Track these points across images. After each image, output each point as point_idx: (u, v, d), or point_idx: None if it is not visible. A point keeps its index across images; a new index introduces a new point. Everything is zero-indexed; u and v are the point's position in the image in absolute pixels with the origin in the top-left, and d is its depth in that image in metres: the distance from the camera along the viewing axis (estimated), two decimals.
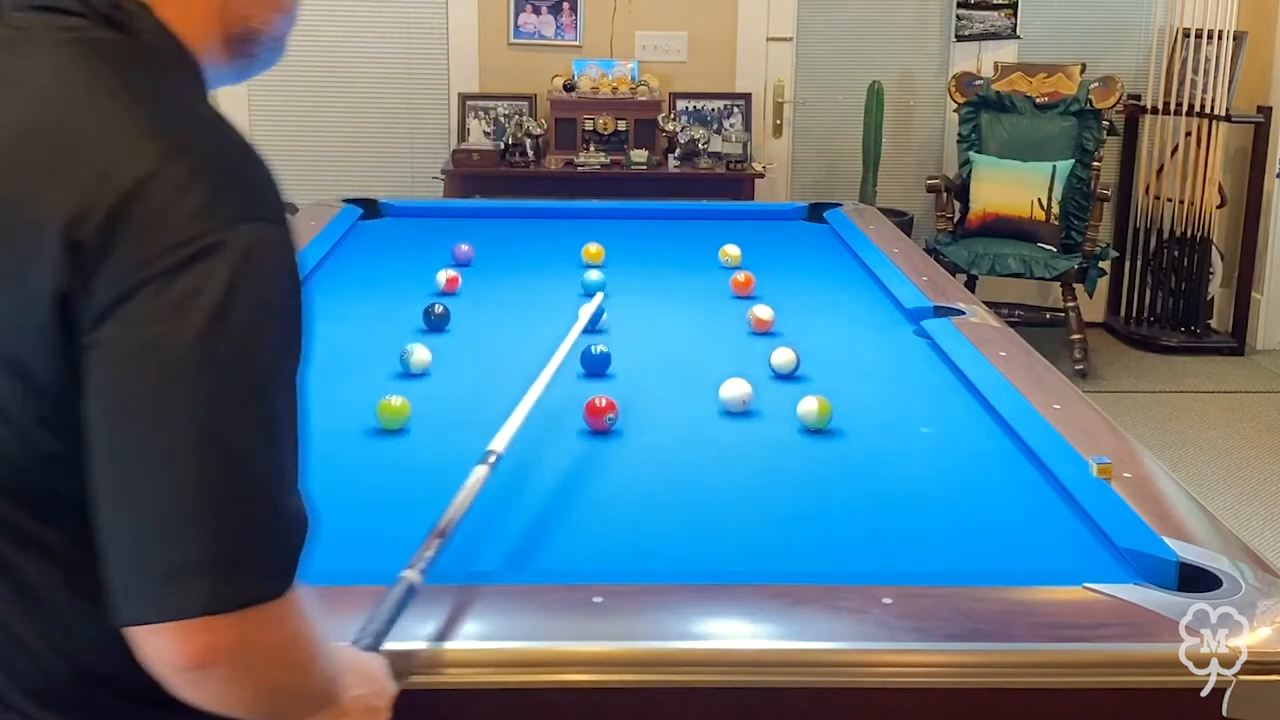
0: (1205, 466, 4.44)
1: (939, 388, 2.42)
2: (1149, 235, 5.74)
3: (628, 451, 2.09)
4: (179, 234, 0.96)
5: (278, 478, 1.02)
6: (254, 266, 0.98)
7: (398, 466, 2.03)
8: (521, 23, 5.60)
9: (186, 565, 0.96)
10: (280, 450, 1.02)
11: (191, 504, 0.96)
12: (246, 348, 0.98)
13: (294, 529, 1.03)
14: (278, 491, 1.01)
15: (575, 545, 1.76)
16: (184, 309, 0.95)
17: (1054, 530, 1.81)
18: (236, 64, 1.16)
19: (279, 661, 1.04)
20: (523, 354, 2.63)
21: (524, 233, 3.72)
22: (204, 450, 0.96)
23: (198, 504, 0.96)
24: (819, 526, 1.85)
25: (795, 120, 5.77)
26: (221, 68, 1.15)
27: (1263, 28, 5.62)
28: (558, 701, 1.44)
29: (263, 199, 1.03)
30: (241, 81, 1.21)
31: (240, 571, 0.98)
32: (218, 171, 1.00)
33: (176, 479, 0.96)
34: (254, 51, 1.16)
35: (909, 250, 3.52)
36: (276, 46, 1.18)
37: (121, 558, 0.97)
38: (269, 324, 1.00)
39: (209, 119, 1.06)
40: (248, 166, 1.04)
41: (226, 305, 0.96)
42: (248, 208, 1.01)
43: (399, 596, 1.42)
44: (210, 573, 0.97)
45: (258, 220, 1.00)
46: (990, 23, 5.74)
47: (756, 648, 1.50)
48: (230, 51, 1.14)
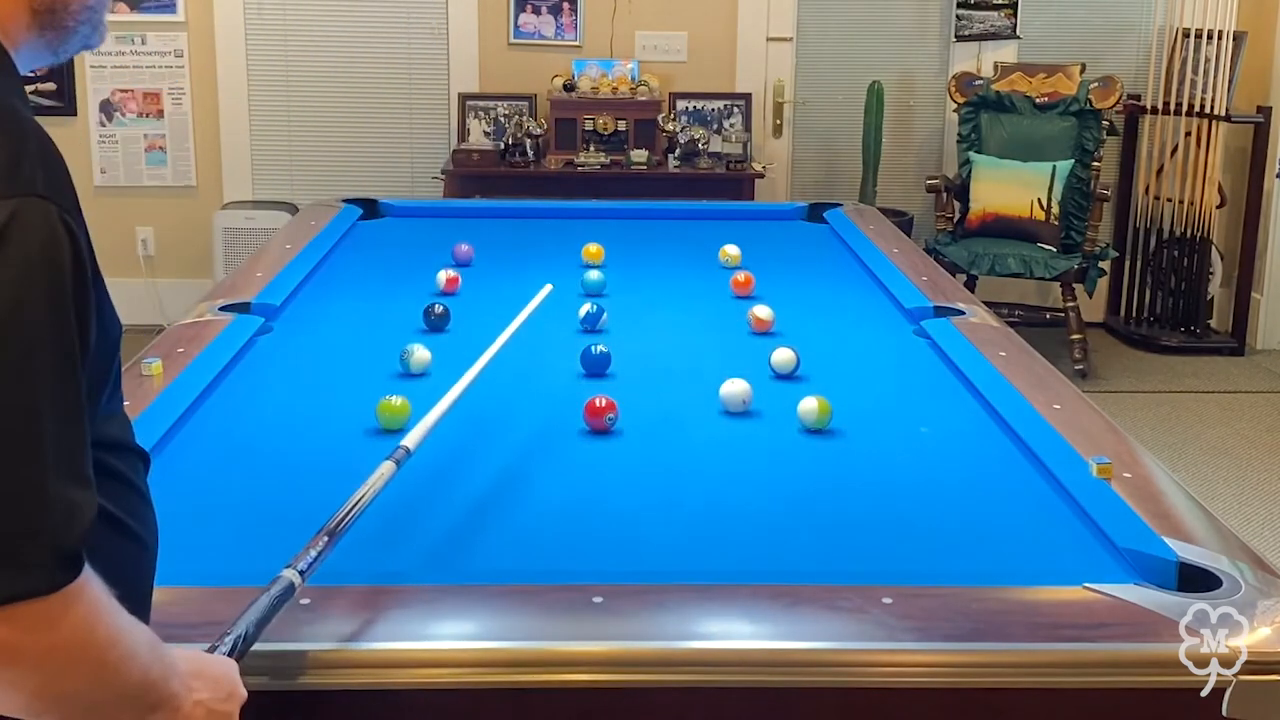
0: (1205, 466, 4.44)
1: (939, 388, 2.42)
2: (1149, 235, 5.74)
3: (628, 451, 2.09)
4: None
5: (40, 466, 0.94)
6: (13, 243, 0.93)
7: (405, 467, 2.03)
8: (521, 23, 5.60)
9: None
10: (44, 436, 0.94)
11: None
12: (6, 336, 0.93)
13: (64, 520, 0.95)
14: (40, 481, 0.94)
15: (575, 545, 1.76)
16: None
17: (1054, 530, 1.81)
18: (49, 39, 1.13)
19: (66, 659, 0.97)
20: (522, 354, 2.63)
21: (524, 233, 3.73)
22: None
23: None
24: (819, 526, 1.85)
25: (795, 120, 5.77)
26: (36, 46, 1.12)
27: (1263, 28, 5.62)
28: (557, 701, 1.44)
29: (31, 175, 0.97)
30: (61, 59, 1.18)
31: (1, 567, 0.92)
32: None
33: None
34: (65, 23, 1.12)
35: (909, 250, 3.52)
36: (91, 18, 1.14)
37: None
38: (29, 303, 0.94)
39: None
40: (18, 142, 0.99)
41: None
42: (11, 183, 0.95)
43: (273, 597, 1.35)
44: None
45: (21, 195, 0.95)
46: (990, 23, 5.74)
47: (756, 648, 1.50)
48: (40, 25, 1.11)
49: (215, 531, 1.76)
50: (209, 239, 5.41)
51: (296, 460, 2.06)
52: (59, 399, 0.96)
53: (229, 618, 1.40)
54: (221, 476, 1.97)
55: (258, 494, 1.92)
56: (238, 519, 1.83)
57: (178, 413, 2.10)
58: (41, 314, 0.95)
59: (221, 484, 1.93)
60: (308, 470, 2.01)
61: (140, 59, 5.52)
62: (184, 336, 2.52)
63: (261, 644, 1.40)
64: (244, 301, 2.78)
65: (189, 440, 2.07)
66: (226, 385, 2.34)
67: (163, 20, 5.49)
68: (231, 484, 1.95)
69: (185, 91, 5.57)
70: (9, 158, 0.97)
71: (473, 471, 2.01)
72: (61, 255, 0.98)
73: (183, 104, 5.57)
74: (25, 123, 1.02)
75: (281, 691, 1.41)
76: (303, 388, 2.40)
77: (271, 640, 1.43)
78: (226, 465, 2.02)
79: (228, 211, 5.48)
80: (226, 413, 2.22)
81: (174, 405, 2.11)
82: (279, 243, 3.47)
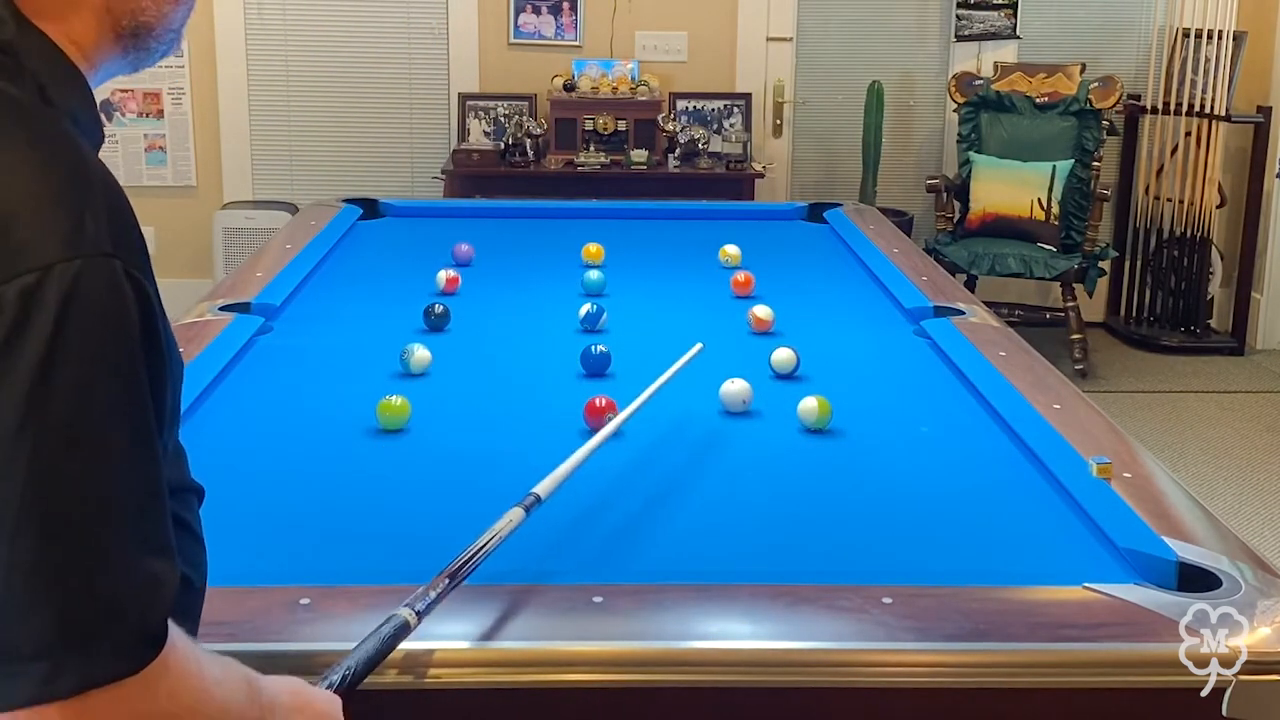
0: (1205, 466, 4.44)
1: (939, 388, 2.42)
2: (1149, 235, 5.74)
3: (628, 452, 2.09)
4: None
5: (120, 545, 0.91)
6: (78, 312, 0.89)
7: (398, 466, 2.03)
8: (521, 23, 5.60)
9: (17, 651, 0.88)
10: (125, 514, 0.92)
11: (20, 584, 0.88)
12: (75, 409, 0.89)
13: (149, 597, 0.93)
14: (122, 559, 0.91)
15: (575, 545, 1.76)
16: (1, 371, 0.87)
17: (1054, 530, 1.81)
18: (131, 58, 1.13)
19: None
20: (523, 354, 2.64)
21: (524, 233, 3.72)
22: (31, 525, 0.88)
23: (27, 584, 0.88)
24: (819, 526, 1.85)
25: (795, 120, 5.77)
26: (116, 64, 1.12)
27: (1263, 28, 5.62)
28: (558, 701, 1.44)
29: (97, 232, 0.92)
30: (135, 72, 1.17)
31: (78, 653, 0.89)
32: (41, 200, 0.92)
33: (4, 558, 0.88)
34: (148, 45, 1.12)
35: (909, 250, 3.52)
36: (173, 38, 1.14)
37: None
38: (100, 378, 0.91)
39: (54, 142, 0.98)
40: (84, 194, 0.94)
41: (49, 361, 0.88)
42: (76, 243, 0.91)
43: (386, 635, 1.31)
44: (44, 658, 0.88)
45: (85, 256, 0.91)
46: (990, 23, 5.74)
47: (756, 648, 1.50)
48: (124, 46, 1.11)
49: (215, 531, 1.75)
50: (209, 239, 5.41)
51: (296, 460, 2.06)
52: (138, 473, 0.94)
53: (229, 618, 1.41)
54: (221, 476, 1.96)
55: (258, 494, 1.92)
56: (238, 519, 1.83)
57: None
58: (114, 388, 0.92)
59: (221, 484, 1.92)
60: (308, 470, 2.01)
61: None
62: (184, 336, 2.52)
63: (261, 644, 1.41)
64: (244, 301, 2.78)
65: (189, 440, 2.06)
66: (226, 385, 2.34)
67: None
68: (231, 484, 1.95)
69: (185, 91, 5.57)
70: (73, 213, 0.92)
71: (472, 471, 2.01)
72: (131, 320, 0.93)
73: (183, 104, 5.57)
74: (92, 169, 0.97)
75: None
76: (303, 388, 2.40)
77: (271, 640, 1.43)
78: (226, 465, 2.02)
79: (228, 211, 5.48)
80: (226, 413, 2.22)
81: None
82: (279, 243, 3.47)
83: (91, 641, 0.89)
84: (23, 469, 0.88)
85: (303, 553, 1.72)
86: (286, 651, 1.41)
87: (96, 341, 0.90)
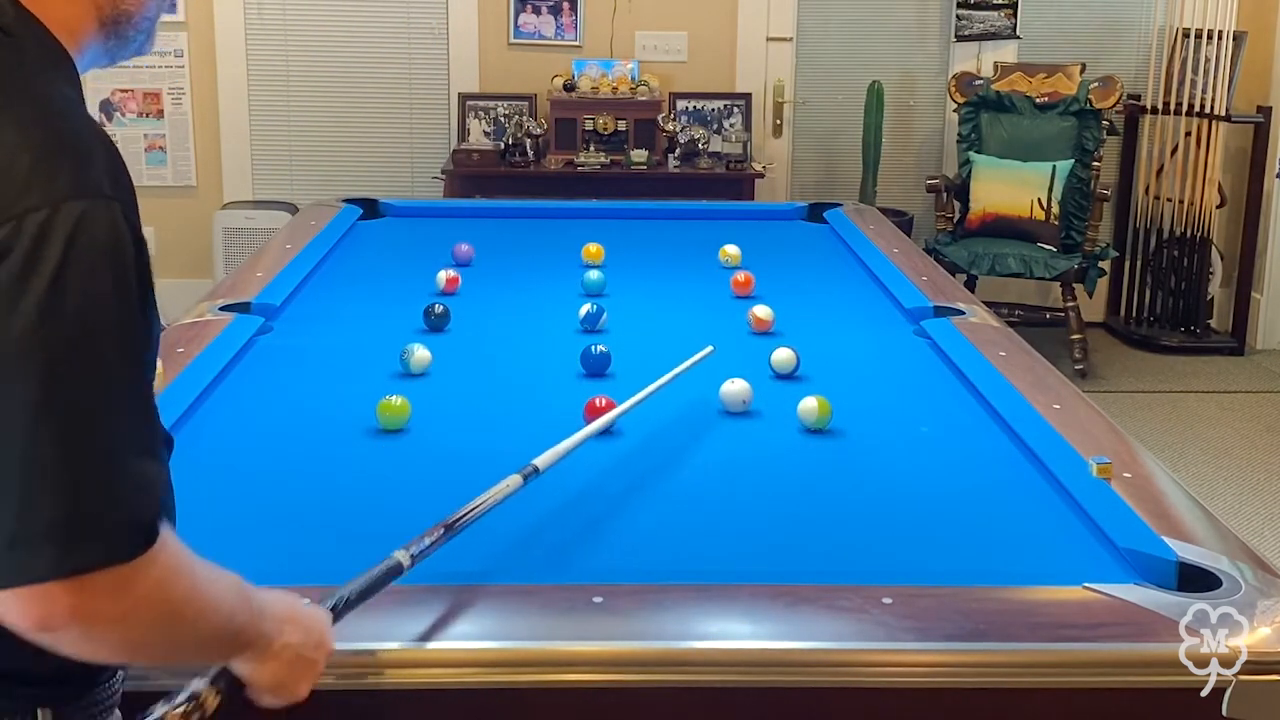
0: (1205, 466, 4.44)
1: (939, 388, 2.42)
2: (1149, 235, 5.74)
3: (628, 451, 2.09)
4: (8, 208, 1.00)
5: (122, 445, 1.02)
6: (85, 243, 1.01)
7: (398, 466, 2.03)
8: (521, 23, 5.60)
9: (29, 533, 0.98)
10: (123, 417, 1.03)
11: (32, 475, 0.99)
12: (81, 323, 1.00)
13: (143, 493, 1.03)
14: (121, 459, 1.02)
15: (575, 545, 1.76)
16: (16, 291, 0.98)
17: (1054, 530, 1.81)
18: (109, 46, 1.21)
19: (142, 620, 1.05)
20: (523, 354, 2.64)
21: (524, 233, 3.73)
22: (44, 423, 0.99)
23: (38, 475, 0.99)
24: (819, 526, 1.85)
25: (795, 120, 5.77)
26: (96, 52, 1.20)
27: (1263, 28, 5.62)
28: (558, 701, 1.44)
29: (99, 178, 1.04)
30: (111, 64, 1.25)
31: (81, 538, 0.99)
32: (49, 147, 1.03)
33: (17, 451, 0.99)
34: (127, 33, 1.21)
35: (909, 250, 3.52)
36: (149, 29, 1.23)
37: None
38: (99, 295, 1.01)
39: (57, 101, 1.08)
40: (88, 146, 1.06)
41: (60, 283, 0.99)
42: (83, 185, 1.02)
43: (381, 573, 1.42)
44: (51, 541, 0.98)
45: (90, 197, 1.02)
46: (990, 23, 5.74)
47: (756, 648, 1.50)
48: (105, 33, 1.19)
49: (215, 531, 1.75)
50: (209, 239, 5.41)
51: (297, 460, 2.06)
52: (129, 381, 1.04)
53: None
54: (221, 476, 1.96)
55: (258, 494, 1.93)
56: (237, 519, 1.83)
57: (178, 412, 2.10)
58: (110, 304, 1.02)
59: (221, 484, 1.93)
60: (308, 470, 2.01)
61: (140, 59, 5.49)
62: (184, 336, 2.52)
63: None
64: (244, 301, 2.78)
65: (189, 440, 2.06)
66: (226, 385, 2.34)
67: (163, 20, 5.46)
68: (231, 484, 1.95)
69: (185, 91, 5.57)
70: (79, 162, 1.03)
71: (472, 471, 2.01)
72: (126, 252, 1.04)
73: (183, 104, 5.57)
74: (93, 126, 1.09)
75: None
76: (303, 388, 2.40)
77: None
78: (226, 465, 2.02)
79: (228, 211, 5.48)
80: (226, 413, 2.22)
81: (174, 405, 2.10)
82: (279, 243, 3.47)
83: (94, 528, 1.00)
84: (36, 372, 0.98)
85: (303, 553, 1.72)
86: None
87: (100, 268, 1.01)
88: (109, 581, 1.01)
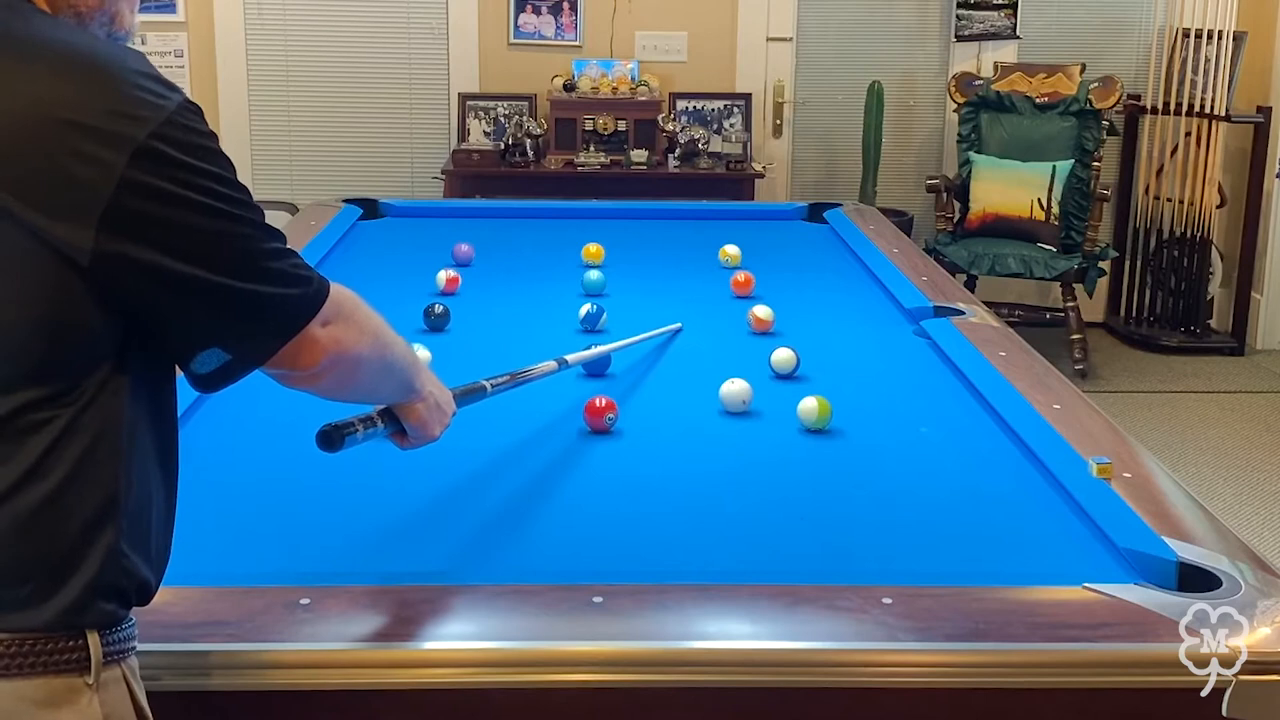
0: (1205, 466, 4.44)
1: (939, 388, 2.42)
2: (1149, 235, 5.74)
3: (628, 451, 2.09)
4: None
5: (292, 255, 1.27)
6: (201, 127, 1.20)
7: (398, 466, 2.03)
8: (521, 23, 5.60)
9: (276, 316, 1.26)
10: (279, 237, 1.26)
11: (264, 283, 1.23)
12: (236, 188, 1.21)
13: (315, 275, 1.30)
14: (295, 255, 1.28)
15: (575, 545, 1.76)
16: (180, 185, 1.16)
17: (1054, 530, 1.81)
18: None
19: (367, 342, 1.40)
20: (523, 354, 2.63)
21: (524, 233, 3.73)
22: (251, 262, 1.22)
23: (267, 282, 1.23)
24: (819, 526, 1.85)
25: (795, 120, 5.77)
26: None
27: (1263, 28, 5.62)
28: (558, 701, 1.44)
29: (167, 81, 1.21)
30: None
31: (304, 300, 1.27)
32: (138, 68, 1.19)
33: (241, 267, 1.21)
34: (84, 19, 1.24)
35: (909, 250, 3.52)
36: (100, 18, 1.26)
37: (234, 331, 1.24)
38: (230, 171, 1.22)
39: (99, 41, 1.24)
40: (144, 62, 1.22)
41: (214, 163, 1.19)
42: (170, 89, 1.20)
43: (474, 390, 1.83)
44: (293, 303, 1.26)
45: (180, 100, 1.19)
46: (990, 23, 5.74)
47: (756, 648, 1.50)
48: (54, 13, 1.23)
49: (215, 531, 1.75)
50: None
51: (297, 460, 2.05)
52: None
53: (229, 617, 1.41)
54: (222, 476, 1.96)
55: (258, 494, 1.93)
56: (238, 519, 1.83)
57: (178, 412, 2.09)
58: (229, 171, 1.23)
59: (222, 484, 1.93)
60: (308, 470, 2.01)
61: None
62: None
63: (261, 644, 1.41)
64: None
65: (189, 440, 2.05)
66: None
67: (163, 20, 5.49)
68: (232, 484, 1.95)
69: (185, 91, 5.55)
70: (155, 77, 1.20)
71: (473, 471, 2.01)
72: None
73: None
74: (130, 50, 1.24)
75: (281, 691, 1.41)
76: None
77: (271, 640, 1.43)
78: (227, 465, 2.02)
79: None
80: (226, 412, 2.22)
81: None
82: None
83: (308, 290, 1.27)
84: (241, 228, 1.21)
85: (303, 553, 1.72)
86: (287, 651, 1.42)
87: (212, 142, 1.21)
88: (336, 316, 1.30)
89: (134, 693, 1.22)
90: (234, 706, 1.41)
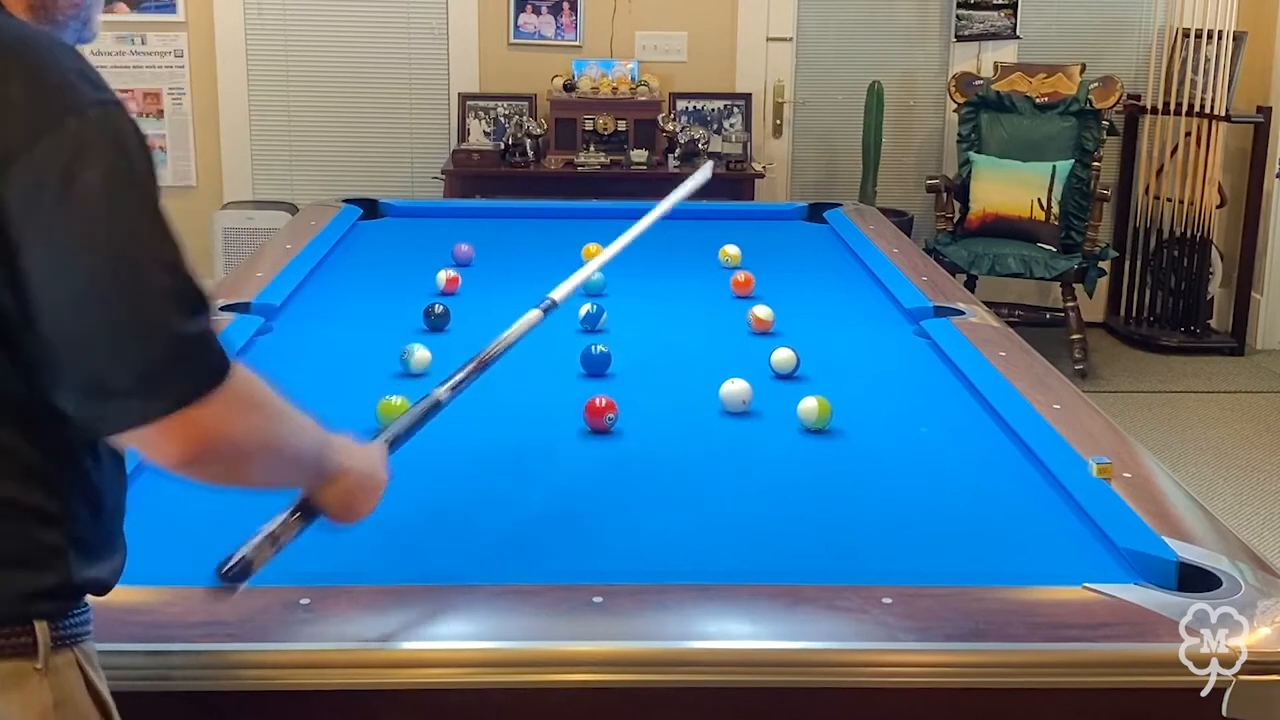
0: (1205, 466, 4.43)
1: (939, 388, 2.42)
2: (1149, 235, 5.74)
3: (628, 451, 2.09)
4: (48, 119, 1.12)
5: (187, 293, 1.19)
6: (118, 127, 1.16)
7: (397, 466, 2.03)
8: (521, 23, 5.60)
9: (130, 387, 1.13)
10: (185, 271, 1.19)
11: (129, 335, 1.14)
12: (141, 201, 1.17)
13: (209, 336, 1.20)
14: (188, 307, 1.19)
15: (575, 545, 1.76)
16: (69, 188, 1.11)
17: (1054, 530, 1.81)
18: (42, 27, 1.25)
19: (256, 429, 1.25)
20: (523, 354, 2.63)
21: (524, 233, 3.72)
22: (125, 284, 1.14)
23: (133, 335, 1.14)
24: (819, 526, 1.85)
25: (795, 120, 5.77)
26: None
27: (1263, 28, 5.62)
28: (557, 701, 1.44)
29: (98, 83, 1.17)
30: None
31: (176, 379, 1.15)
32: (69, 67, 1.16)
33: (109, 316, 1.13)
34: (56, 18, 1.25)
35: (909, 250, 3.52)
36: (79, 15, 1.27)
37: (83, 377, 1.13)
38: (140, 165, 1.18)
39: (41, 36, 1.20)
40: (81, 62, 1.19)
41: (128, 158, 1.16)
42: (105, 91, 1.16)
43: (424, 409, 1.62)
44: (171, 373, 1.15)
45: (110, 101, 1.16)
46: (990, 23, 5.74)
47: (756, 648, 1.50)
48: (35, 19, 1.23)
49: (216, 531, 1.75)
50: (209, 239, 5.41)
51: None
52: (179, 247, 1.19)
53: (229, 617, 1.41)
54: None
55: (259, 494, 1.92)
56: (238, 519, 1.82)
57: None
58: (148, 174, 1.18)
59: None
60: None
61: (140, 59, 5.52)
62: None
63: (261, 644, 1.41)
64: (244, 301, 2.78)
65: None
66: None
67: (163, 20, 5.49)
68: None
69: (185, 91, 5.57)
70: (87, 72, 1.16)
71: (473, 471, 2.01)
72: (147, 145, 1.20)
73: (183, 104, 5.57)
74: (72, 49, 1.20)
75: (281, 691, 1.41)
76: (303, 388, 2.39)
77: (271, 640, 1.43)
78: None
79: (228, 211, 5.48)
80: None
81: None
82: (279, 243, 3.47)
83: (186, 367, 1.15)
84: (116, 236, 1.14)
85: (303, 553, 1.72)
86: (287, 651, 1.41)
87: (132, 146, 1.17)
88: (209, 408, 1.16)
89: (89, 676, 1.22)
90: (233, 706, 1.41)
